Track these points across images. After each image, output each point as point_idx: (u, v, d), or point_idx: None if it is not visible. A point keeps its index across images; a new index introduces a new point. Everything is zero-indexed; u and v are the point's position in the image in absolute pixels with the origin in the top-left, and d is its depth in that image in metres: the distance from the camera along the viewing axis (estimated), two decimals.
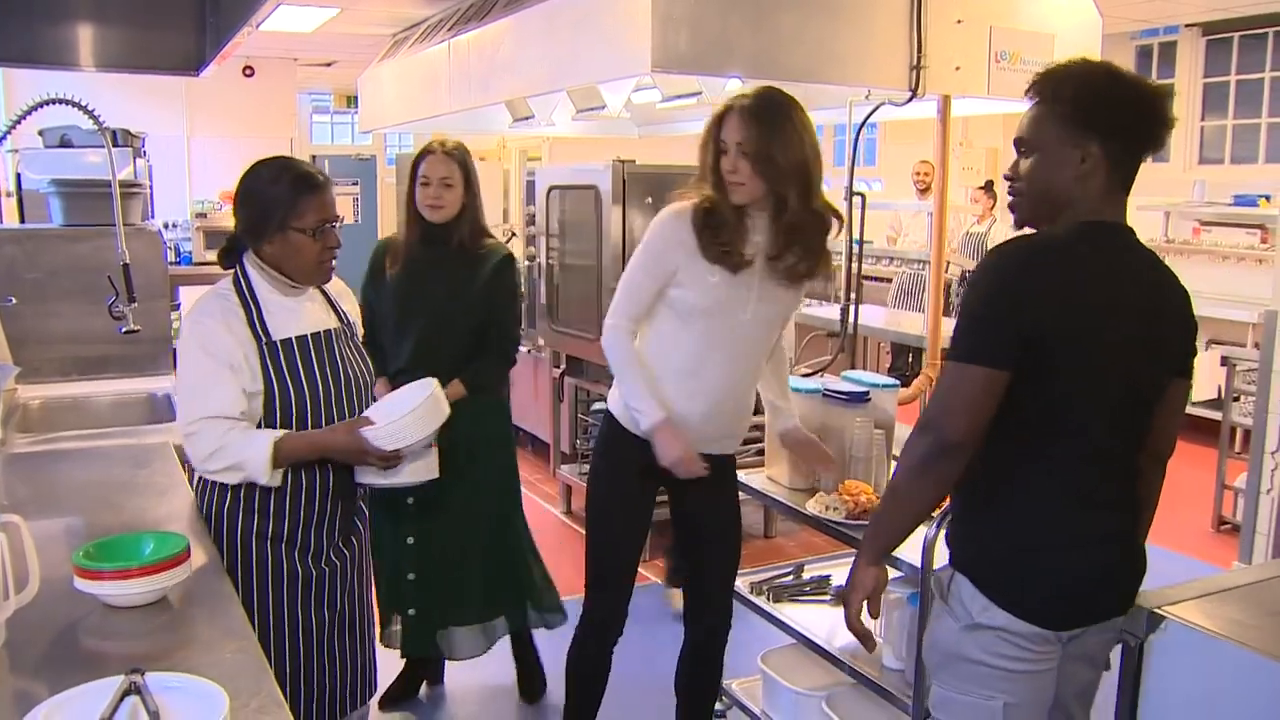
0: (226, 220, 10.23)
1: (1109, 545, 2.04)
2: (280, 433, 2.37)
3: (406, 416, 2.42)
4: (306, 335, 2.47)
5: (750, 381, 2.84)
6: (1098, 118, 1.96)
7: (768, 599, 3.15)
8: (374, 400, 2.63)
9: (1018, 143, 2.07)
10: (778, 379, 3.01)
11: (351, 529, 2.63)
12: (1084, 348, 1.92)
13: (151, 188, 6.84)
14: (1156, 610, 1.99)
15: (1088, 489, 2.00)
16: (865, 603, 2.09)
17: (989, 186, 8.79)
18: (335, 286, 2.66)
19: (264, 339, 2.40)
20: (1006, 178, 2.11)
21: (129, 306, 3.49)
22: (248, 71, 10.51)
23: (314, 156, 12.48)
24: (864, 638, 2.15)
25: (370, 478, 2.54)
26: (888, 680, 2.66)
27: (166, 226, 9.57)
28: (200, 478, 2.47)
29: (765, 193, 2.63)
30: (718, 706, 3.33)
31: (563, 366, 6.05)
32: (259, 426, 2.39)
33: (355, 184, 12.63)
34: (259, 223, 2.44)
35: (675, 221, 2.71)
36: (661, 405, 2.69)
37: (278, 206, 2.42)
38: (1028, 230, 2.07)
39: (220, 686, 1.52)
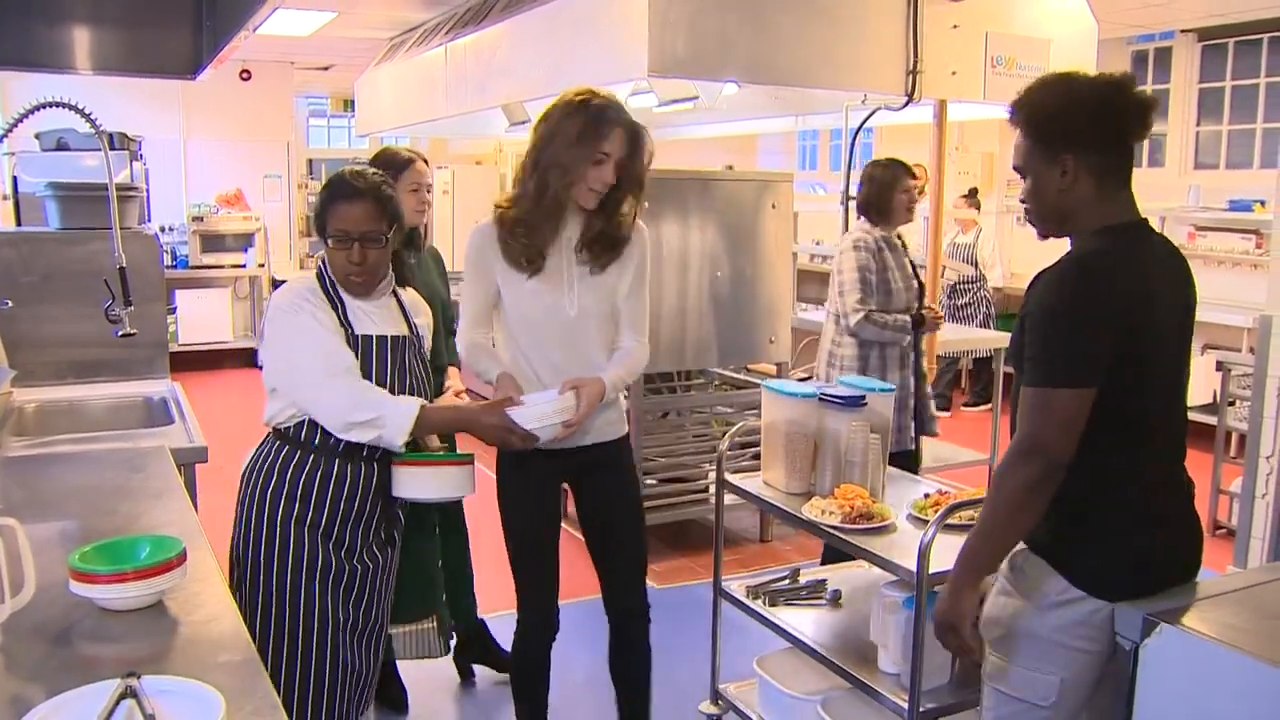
0: (223, 224, 10.29)
1: (1176, 519, 2.18)
2: (422, 400, 2.49)
3: (552, 404, 2.61)
4: (386, 336, 2.53)
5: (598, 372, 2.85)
6: (1058, 132, 2.08)
7: (764, 603, 3.14)
8: None
9: (1016, 169, 2.20)
10: (615, 357, 2.91)
11: (389, 536, 2.65)
12: (1148, 345, 2.05)
13: (148, 191, 6.85)
14: (1151, 615, 1.99)
15: (1154, 469, 2.15)
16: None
17: (973, 194, 8.78)
18: (410, 297, 2.71)
19: (347, 330, 2.48)
20: (1020, 200, 2.23)
21: (125, 310, 3.49)
22: (245, 75, 10.52)
23: (311, 160, 12.50)
24: (973, 656, 2.20)
25: (410, 492, 2.58)
26: (883, 684, 2.66)
27: (163, 230, 9.60)
28: (251, 463, 2.56)
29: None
30: (713, 711, 3.34)
31: None
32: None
33: None
34: (314, 222, 2.55)
35: (479, 237, 2.85)
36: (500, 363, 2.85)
37: (321, 212, 2.49)
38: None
39: (216, 690, 1.52)
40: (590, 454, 2.90)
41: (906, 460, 4.19)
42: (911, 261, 4.45)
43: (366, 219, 2.45)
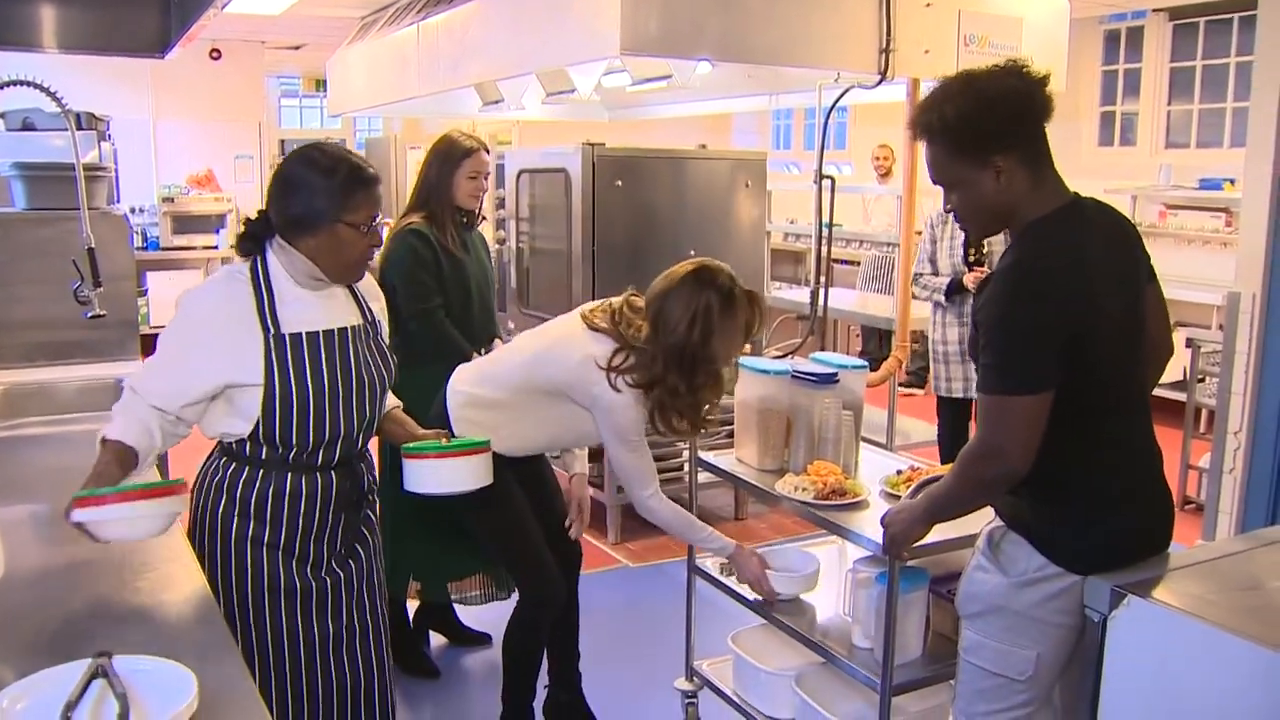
0: (194, 205, 10.20)
1: (1147, 490, 2.22)
2: (113, 441, 2.18)
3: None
4: (319, 332, 2.31)
5: None
6: (982, 135, 2.07)
7: (738, 579, 3.16)
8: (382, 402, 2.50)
9: (936, 183, 2.18)
10: None
11: (357, 538, 2.49)
12: (1093, 326, 2.06)
13: (117, 172, 6.77)
14: (1118, 587, 2.01)
15: (1123, 441, 2.19)
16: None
17: None
18: (363, 283, 2.50)
19: (271, 330, 2.26)
20: (948, 211, 2.23)
21: (94, 291, 3.46)
22: (214, 54, 10.41)
23: (283, 141, 12.40)
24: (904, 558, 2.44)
25: (429, 487, 2.44)
26: (857, 659, 2.68)
27: (133, 211, 9.50)
28: (198, 478, 2.38)
29: None
30: (688, 687, 3.36)
31: None
32: (257, 433, 2.27)
33: None
34: (307, 214, 2.27)
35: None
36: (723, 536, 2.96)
37: (331, 199, 2.26)
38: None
39: (189, 669, 1.52)
40: None
41: (968, 407, 5.08)
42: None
43: (379, 201, 2.36)
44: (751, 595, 2.99)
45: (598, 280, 5.07)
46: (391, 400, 2.61)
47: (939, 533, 2.53)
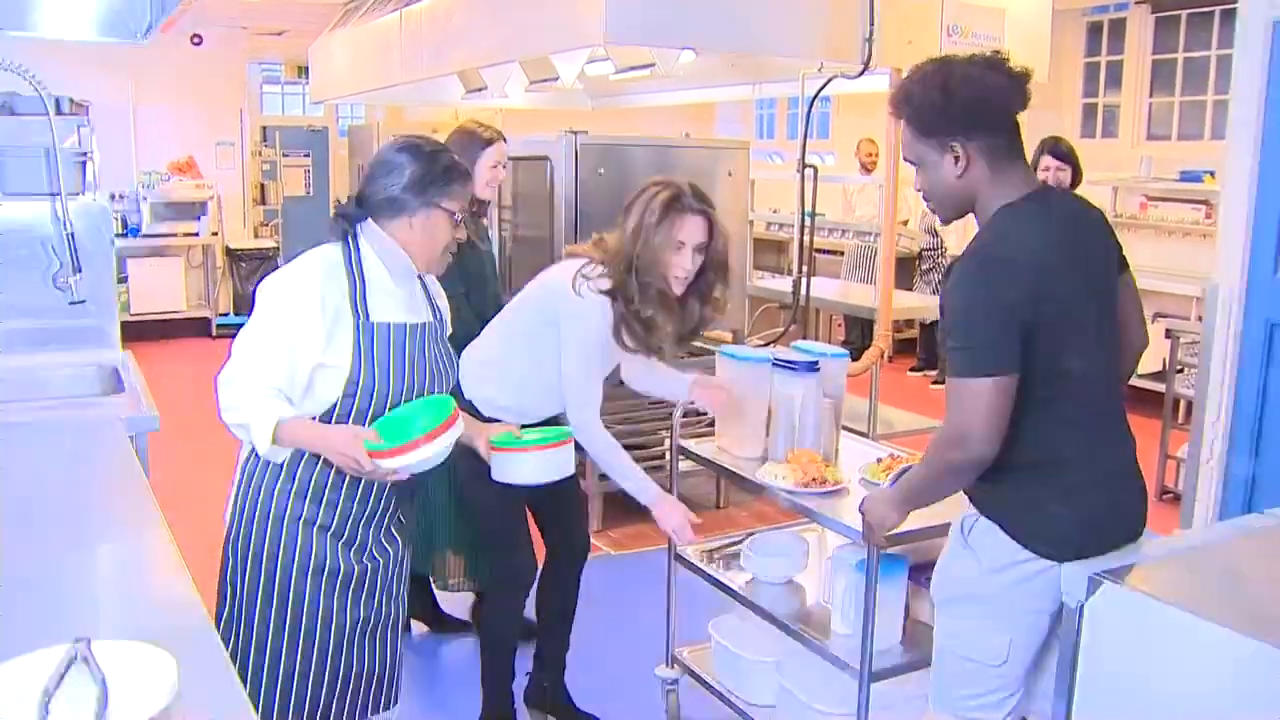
0: (175, 192, 10.13)
1: (1119, 476, 2.25)
2: (291, 413, 2.26)
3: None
4: (405, 324, 2.39)
5: None
6: (942, 119, 2.12)
7: (719, 567, 3.18)
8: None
9: (907, 161, 2.24)
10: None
11: (397, 525, 2.55)
12: (1062, 315, 2.09)
13: (95, 157, 6.71)
14: (1096, 574, 2.03)
15: (1093, 433, 2.20)
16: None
17: None
18: (432, 280, 2.59)
19: (361, 317, 2.32)
20: (917, 190, 2.27)
21: (74, 277, 3.44)
22: (196, 40, 10.34)
23: (265, 128, 12.33)
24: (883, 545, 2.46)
25: (508, 477, 2.63)
26: (837, 645, 2.70)
27: (113, 198, 9.43)
28: (249, 454, 2.40)
29: None
30: (669, 674, 3.37)
31: None
32: (335, 406, 2.31)
33: (307, 155, 12.48)
34: (405, 196, 2.34)
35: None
36: (650, 480, 2.95)
37: (431, 183, 2.35)
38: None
39: (169, 653, 1.52)
40: None
41: None
42: None
43: (468, 197, 2.50)
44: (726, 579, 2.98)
45: None
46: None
47: (917, 520, 2.55)
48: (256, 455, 2.36)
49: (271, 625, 2.37)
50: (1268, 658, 1.73)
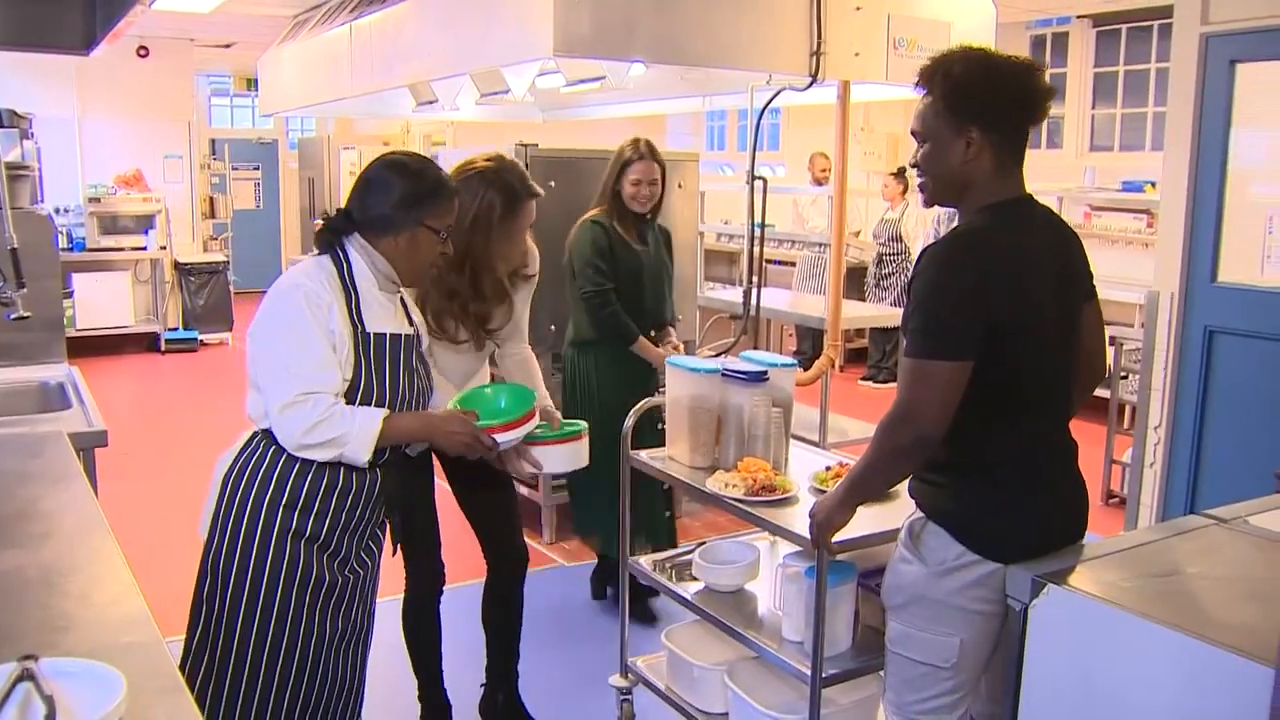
0: (122, 205, 10.02)
1: (1062, 481, 2.29)
2: (385, 410, 2.35)
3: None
4: (400, 334, 2.46)
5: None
6: (973, 105, 2.13)
7: (671, 577, 3.19)
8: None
9: (914, 134, 2.24)
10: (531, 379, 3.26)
11: (376, 539, 2.56)
12: (1025, 316, 2.13)
13: (40, 171, 6.65)
14: (1039, 576, 2.07)
15: (1041, 439, 2.24)
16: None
17: (901, 173, 9.03)
18: (407, 293, 2.64)
19: (360, 328, 2.37)
20: (912, 165, 2.28)
21: (18, 293, 3.40)
22: (142, 52, 10.25)
23: (213, 140, 12.22)
24: (831, 551, 2.49)
25: (557, 467, 2.80)
26: (787, 652, 2.72)
27: (58, 211, 9.32)
28: (234, 466, 2.41)
29: None
30: (623, 683, 3.38)
31: None
32: None
33: (256, 168, 12.40)
34: (392, 214, 2.40)
35: None
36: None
37: (417, 201, 2.40)
38: (937, 210, 2.26)
39: (118, 670, 1.51)
40: None
41: None
42: None
43: (455, 214, 2.53)
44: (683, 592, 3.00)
45: None
46: None
47: (866, 526, 2.59)
48: (240, 470, 2.38)
49: (253, 642, 2.36)
50: (1207, 656, 1.77)
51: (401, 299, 2.57)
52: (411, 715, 3.29)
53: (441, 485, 3.18)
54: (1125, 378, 6.02)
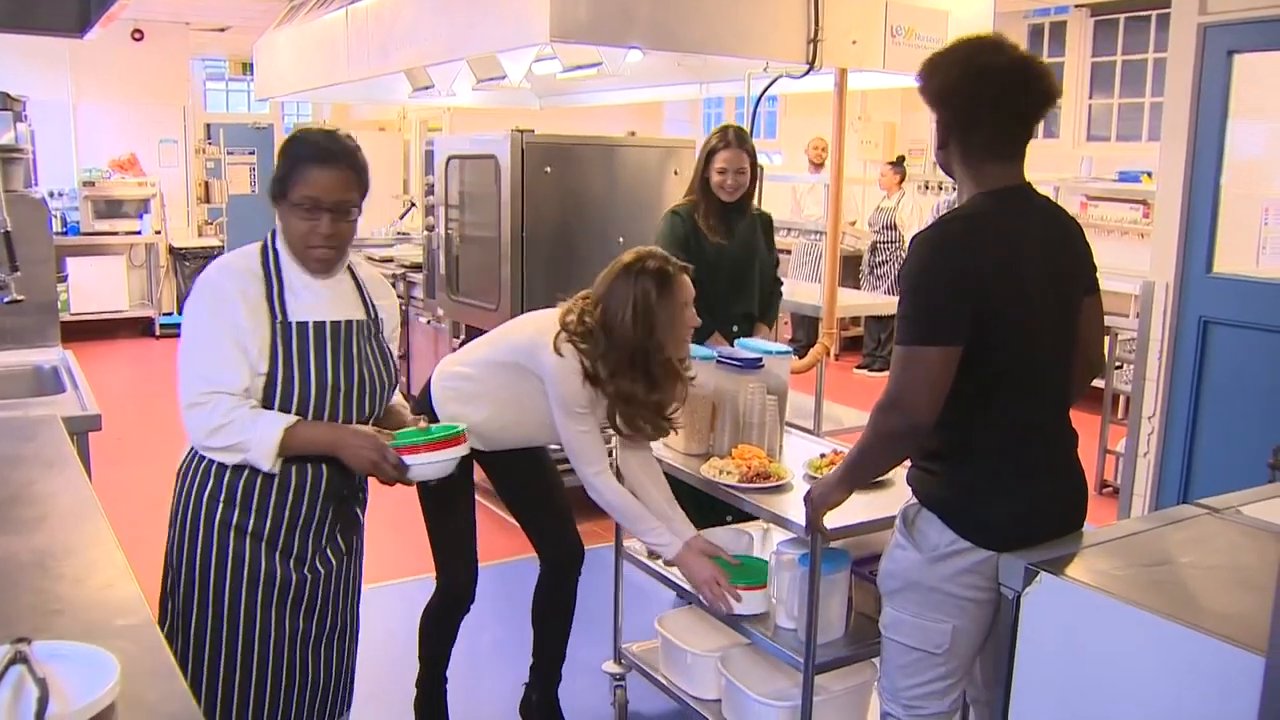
0: (116, 189, 10.00)
1: (1057, 470, 2.29)
2: (293, 418, 2.21)
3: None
4: (325, 322, 2.28)
5: None
6: (948, 109, 2.19)
7: (664, 563, 3.19)
8: (384, 399, 2.44)
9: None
10: (659, 491, 2.97)
11: (343, 536, 2.44)
12: (1016, 303, 2.13)
13: (34, 154, 6.63)
14: (1032, 564, 2.07)
15: (1035, 426, 2.24)
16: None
17: (899, 162, 9.03)
18: (371, 275, 2.47)
19: (279, 317, 2.23)
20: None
21: (11, 276, 3.39)
22: (137, 35, 10.20)
23: (209, 125, 12.18)
24: (826, 535, 2.50)
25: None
26: (780, 639, 2.73)
27: (52, 195, 9.29)
28: (185, 460, 2.32)
29: None
30: (617, 670, 3.39)
31: (462, 337, 6.02)
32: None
33: (252, 153, 12.36)
34: (272, 186, 2.27)
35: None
36: (671, 532, 2.85)
37: (281, 174, 2.24)
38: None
39: (111, 654, 1.51)
40: None
41: None
42: None
43: (341, 187, 2.24)
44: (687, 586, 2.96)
45: (526, 267, 5.08)
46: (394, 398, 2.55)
47: (860, 514, 2.60)
48: (192, 463, 2.30)
49: (209, 637, 2.29)
50: (1199, 644, 1.77)
51: (359, 283, 2.42)
52: (404, 704, 3.28)
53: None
54: (1120, 368, 6.03)
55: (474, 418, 2.90)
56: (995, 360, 2.13)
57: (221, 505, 2.27)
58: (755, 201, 4.29)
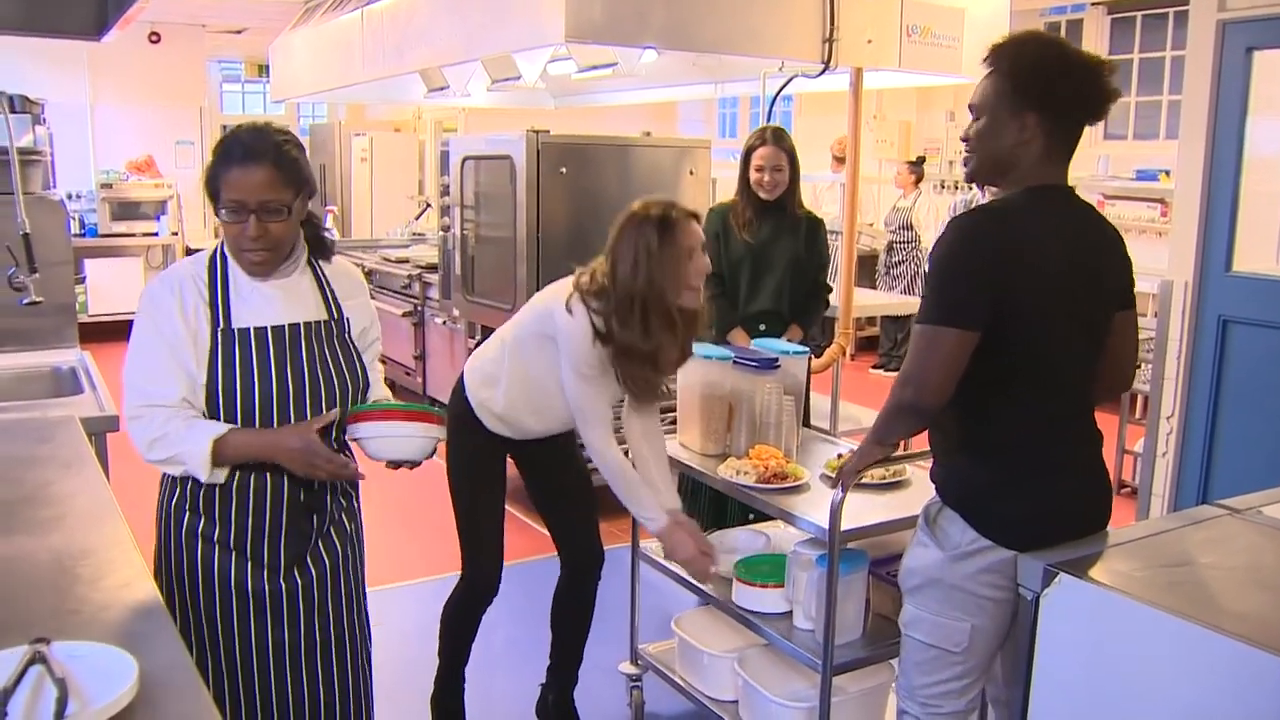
0: (133, 191, 10.04)
1: (1079, 469, 2.28)
2: (225, 428, 2.13)
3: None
4: (267, 327, 2.18)
5: None
6: (1035, 91, 2.13)
7: (670, 558, 3.19)
8: (351, 403, 2.32)
9: (971, 107, 2.25)
10: (656, 462, 2.98)
11: (324, 544, 2.33)
12: (1037, 298, 2.13)
13: (53, 156, 6.66)
14: (1051, 565, 2.06)
15: (1056, 424, 2.24)
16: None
17: (918, 162, 9.02)
18: (338, 271, 2.36)
19: (221, 324, 2.15)
20: (962, 139, 2.28)
21: (30, 278, 3.41)
22: (154, 37, 10.25)
23: (224, 126, 12.24)
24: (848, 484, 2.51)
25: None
26: (798, 640, 2.72)
27: (70, 197, 9.33)
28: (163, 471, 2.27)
29: None
30: (633, 670, 3.39)
31: (478, 337, 6.03)
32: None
33: None
34: (205, 187, 2.16)
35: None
36: (661, 506, 2.83)
37: (210, 172, 2.13)
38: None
39: (129, 653, 1.51)
40: None
41: None
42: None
43: (265, 186, 2.11)
44: (686, 574, 2.99)
45: (542, 267, 5.07)
46: (379, 393, 2.47)
47: (878, 514, 2.60)
48: (165, 477, 2.26)
49: (193, 647, 2.20)
50: (1219, 646, 1.76)
51: (322, 281, 2.31)
52: (419, 704, 3.29)
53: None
54: (1139, 367, 5.98)
55: (499, 401, 2.94)
56: (1012, 351, 2.13)
57: (189, 514, 2.23)
58: (798, 201, 4.33)
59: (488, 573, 3.10)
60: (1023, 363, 2.15)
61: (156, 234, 10.17)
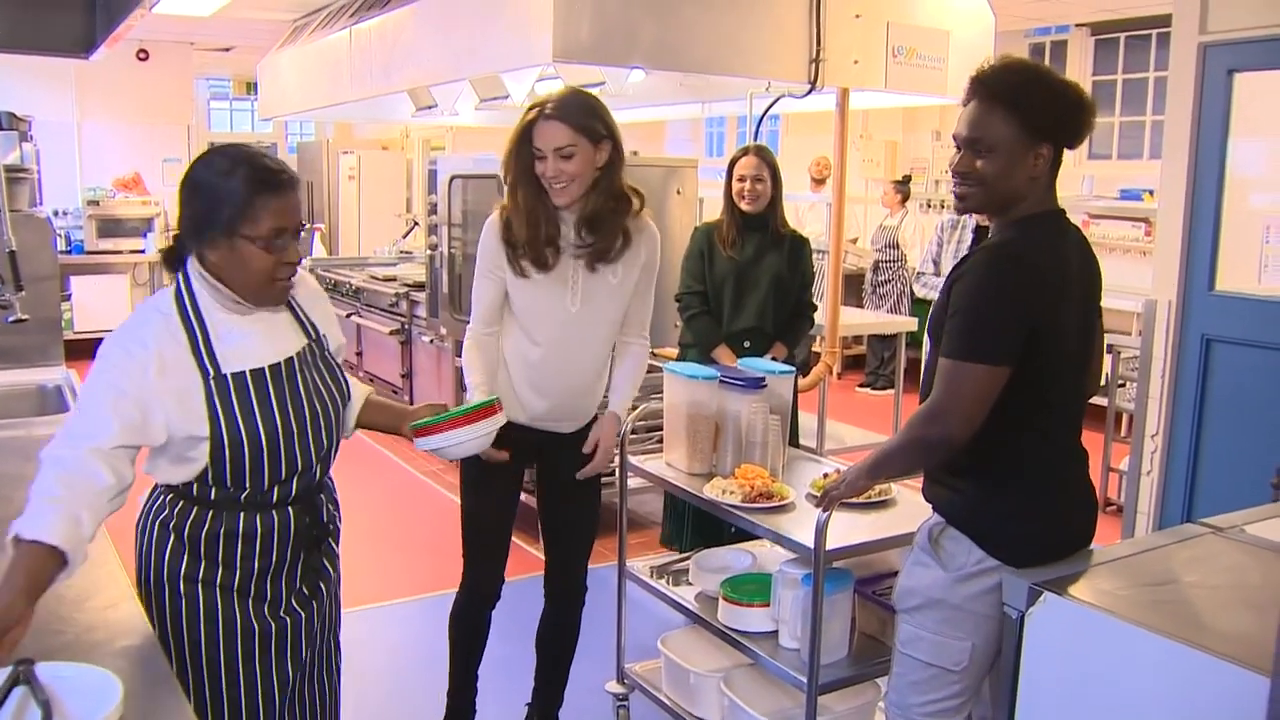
0: (120, 208, 10.02)
1: (1077, 488, 2.33)
2: (32, 537, 1.72)
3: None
4: (264, 369, 2.06)
5: (590, 372, 3.01)
6: (1049, 125, 2.17)
7: (668, 583, 3.19)
8: (340, 421, 2.24)
9: (971, 142, 2.20)
10: (620, 375, 3.10)
11: (320, 575, 2.26)
12: (1057, 327, 2.17)
13: (39, 173, 6.65)
14: (1035, 584, 2.07)
15: (1059, 443, 2.28)
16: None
17: (905, 181, 9.07)
18: (304, 289, 2.23)
19: (211, 371, 2.00)
20: (957, 173, 2.24)
21: (16, 295, 3.40)
22: (142, 55, 10.25)
23: (212, 144, 12.23)
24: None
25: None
26: (783, 659, 2.72)
27: (56, 214, 9.31)
28: (141, 514, 2.13)
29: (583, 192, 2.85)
30: (620, 690, 3.38)
31: None
32: (205, 476, 2.02)
33: None
34: (203, 223, 1.99)
35: (490, 230, 2.94)
36: (492, 389, 2.91)
37: (226, 206, 1.97)
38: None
39: (114, 675, 1.51)
40: (564, 436, 3.04)
41: None
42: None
43: (298, 208, 2.05)
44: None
45: None
46: (362, 389, 2.42)
47: (863, 533, 2.59)
48: (149, 519, 2.12)
49: (192, 698, 2.02)
50: (1203, 664, 1.77)
51: (294, 305, 2.21)
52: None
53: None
54: (1123, 386, 6.02)
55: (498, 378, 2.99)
56: (1033, 380, 2.15)
57: (186, 560, 2.07)
58: (781, 219, 4.38)
59: (485, 576, 3.10)
60: (1038, 391, 2.17)
61: (143, 251, 10.15)
